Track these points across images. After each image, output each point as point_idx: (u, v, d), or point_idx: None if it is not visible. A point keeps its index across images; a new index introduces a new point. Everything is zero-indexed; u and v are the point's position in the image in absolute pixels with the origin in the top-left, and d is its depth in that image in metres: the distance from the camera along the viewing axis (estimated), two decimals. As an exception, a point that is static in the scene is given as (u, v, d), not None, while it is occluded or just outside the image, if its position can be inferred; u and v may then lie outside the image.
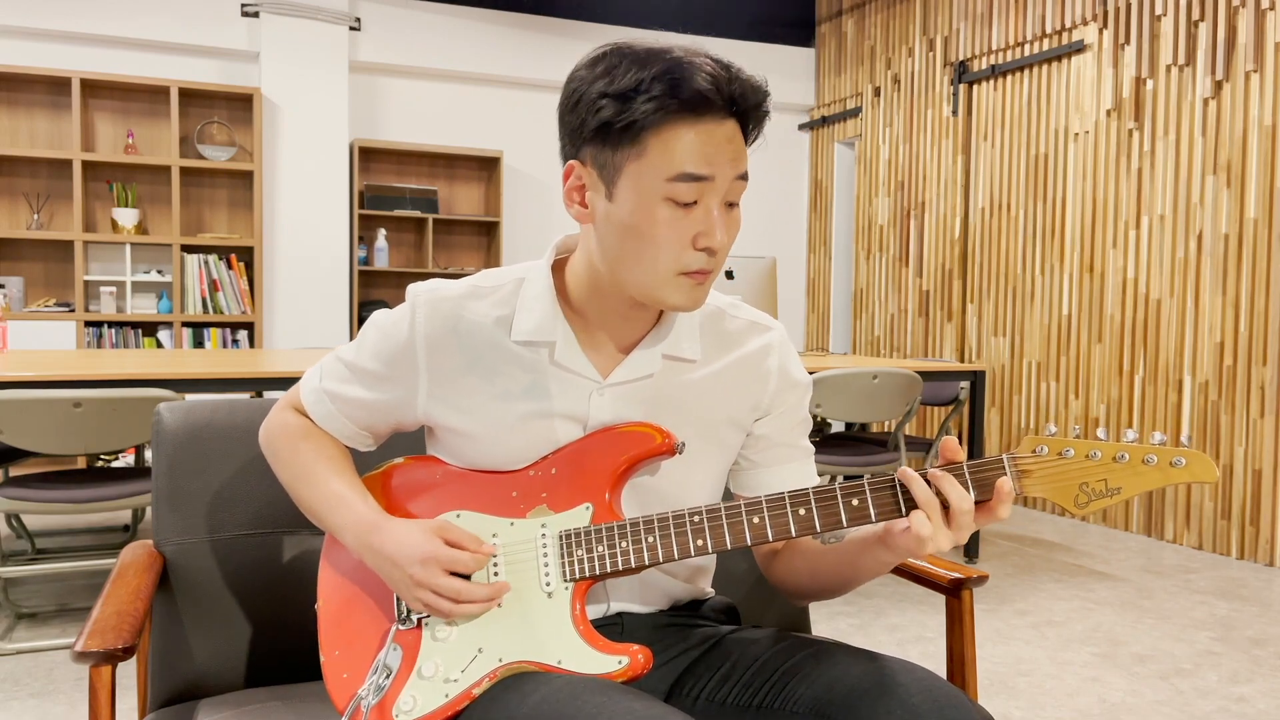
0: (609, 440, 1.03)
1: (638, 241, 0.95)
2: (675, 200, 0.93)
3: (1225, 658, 2.83)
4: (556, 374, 1.05)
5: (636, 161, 0.93)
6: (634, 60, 0.92)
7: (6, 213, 5.20)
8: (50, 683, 2.48)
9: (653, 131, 0.91)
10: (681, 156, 0.92)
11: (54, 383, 2.59)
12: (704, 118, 0.92)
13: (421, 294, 1.06)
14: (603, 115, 0.92)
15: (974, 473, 0.94)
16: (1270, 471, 3.95)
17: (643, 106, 0.91)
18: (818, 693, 0.97)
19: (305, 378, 1.15)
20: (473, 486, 1.07)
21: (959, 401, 3.91)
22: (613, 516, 1.01)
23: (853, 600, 3.32)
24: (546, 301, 1.04)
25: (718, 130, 0.93)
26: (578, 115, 0.95)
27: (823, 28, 6.75)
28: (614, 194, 0.95)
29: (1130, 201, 4.54)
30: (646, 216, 0.94)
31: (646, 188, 0.93)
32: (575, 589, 1.00)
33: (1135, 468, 0.93)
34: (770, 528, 0.97)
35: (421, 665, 1.00)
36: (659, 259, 0.95)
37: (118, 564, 1.25)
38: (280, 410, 1.16)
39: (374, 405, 1.10)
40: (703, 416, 1.09)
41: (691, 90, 0.90)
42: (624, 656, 0.96)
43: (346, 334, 5.68)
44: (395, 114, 5.94)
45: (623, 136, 0.92)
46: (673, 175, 0.92)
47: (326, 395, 1.12)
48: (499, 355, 1.05)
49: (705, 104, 0.91)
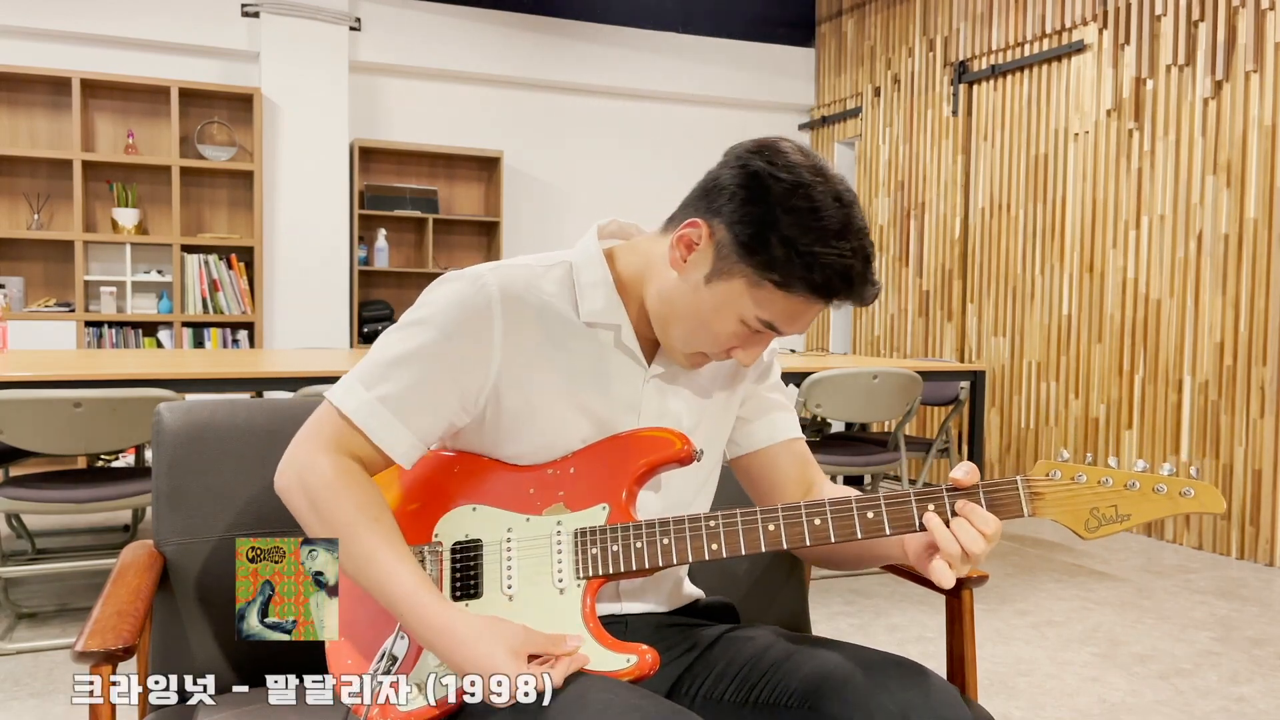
0: (629, 443, 1.05)
1: (696, 324, 1.01)
2: (748, 326, 1.00)
3: (1225, 658, 2.83)
4: (618, 357, 1.08)
5: (751, 288, 0.97)
6: (834, 230, 0.93)
7: (6, 213, 5.20)
8: (50, 683, 2.48)
9: (783, 291, 0.96)
10: (780, 314, 0.98)
11: (54, 383, 2.58)
12: (819, 303, 0.98)
13: (483, 270, 1.04)
14: (758, 241, 0.94)
15: (989, 494, 0.98)
16: (1270, 471, 3.94)
17: (798, 275, 0.94)
18: (809, 684, 0.99)
19: (343, 396, 1.02)
20: (490, 480, 1.07)
21: (959, 401, 3.91)
22: (628, 517, 1.03)
23: (853, 600, 3.32)
24: (608, 286, 1.07)
25: (816, 307, 0.99)
26: (743, 209, 0.95)
27: (823, 28, 6.75)
28: (712, 281, 0.99)
29: (1130, 201, 4.54)
30: (719, 320, 1.00)
31: (739, 307, 0.99)
32: (587, 586, 1.01)
33: (1146, 495, 0.96)
34: (785, 536, 0.99)
35: (426, 656, 1.01)
36: (696, 339, 1.03)
37: (118, 564, 1.25)
38: (309, 453, 1.01)
39: (439, 386, 1.01)
40: (715, 410, 1.16)
41: (838, 296, 0.96)
42: (632, 655, 0.97)
43: (346, 334, 5.68)
44: (395, 114, 5.94)
45: (761, 271, 0.96)
46: (763, 319, 0.99)
47: (380, 403, 1.01)
48: (568, 330, 1.06)
49: (832, 299, 0.97)
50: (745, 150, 0.98)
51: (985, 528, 0.95)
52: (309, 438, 1.02)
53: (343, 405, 1.02)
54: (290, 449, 1.03)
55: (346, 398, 1.02)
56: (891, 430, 4.01)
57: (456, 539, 1.05)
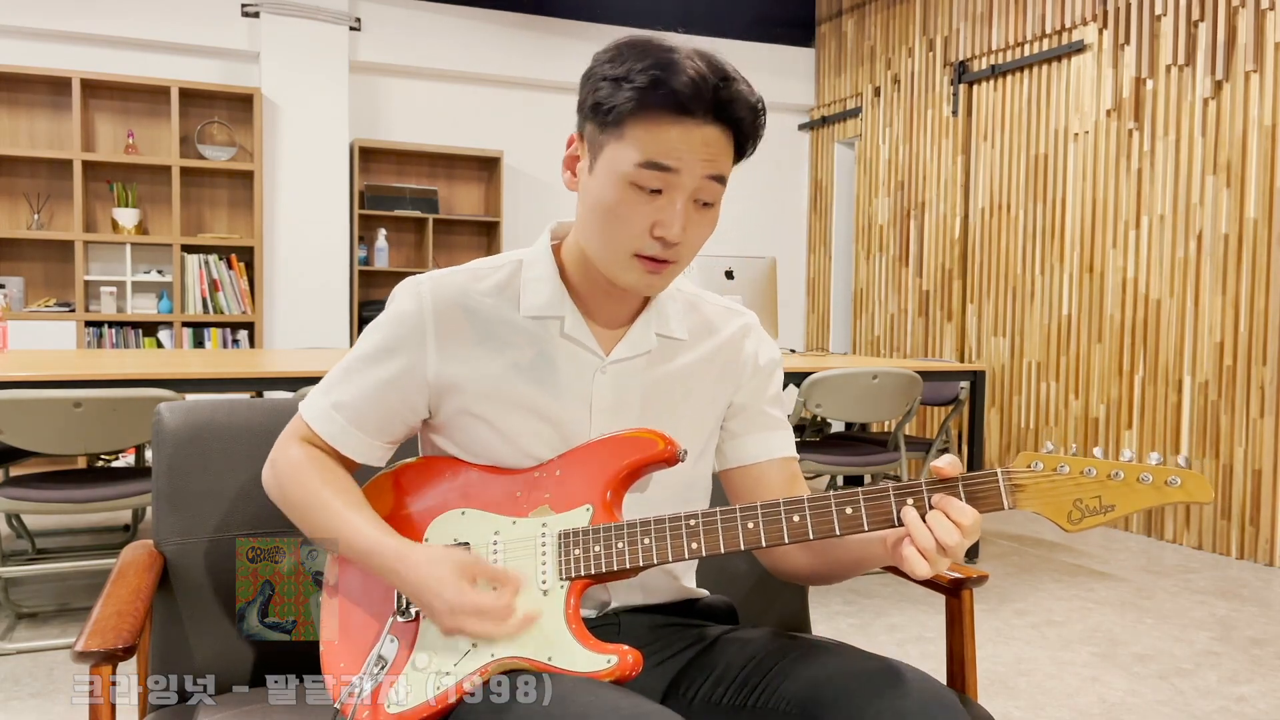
0: (614, 445, 1.05)
1: (601, 217, 1.00)
2: (639, 185, 0.97)
3: (1225, 658, 2.83)
4: (565, 347, 1.08)
5: (615, 143, 0.98)
6: (638, 52, 0.98)
7: (6, 213, 5.20)
8: (50, 683, 2.48)
9: (632, 118, 0.97)
10: (652, 146, 0.96)
11: (54, 383, 2.58)
12: (683, 118, 0.96)
13: (422, 278, 1.10)
14: (597, 95, 0.99)
15: (968, 486, 0.96)
16: (1270, 471, 3.94)
17: (626, 93, 0.96)
18: (806, 692, 0.99)
19: (306, 402, 1.12)
20: (479, 485, 1.08)
21: (959, 401, 3.91)
22: (612, 518, 1.03)
23: (853, 600, 3.32)
24: (552, 280, 1.09)
25: (695, 132, 0.96)
26: (582, 91, 1.02)
27: (823, 28, 6.75)
28: (594, 168, 1.01)
29: (1130, 201, 4.54)
30: (612, 194, 0.99)
31: (617, 168, 0.98)
32: (571, 588, 1.01)
33: (1130, 485, 0.93)
34: (764, 534, 0.99)
35: (416, 657, 1.02)
36: (616, 237, 1.00)
37: (118, 564, 1.25)
38: (283, 445, 1.12)
39: (383, 389, 1.08)
40: (691, 406, 1.14)
41: (671, 88, 0.95)
42: (613, 656, 0.97)
43: (346, 334, 5.68)
44: (395, 114, 5.94)
45: (608, 117, 0.98)
46: (640, 161, 0.97)
47: (333, 408, 1.09)
48: (508, 329, 1.08)
49: (684, 104, 0.95)
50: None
51: (962, 519, 0.93)
52: (283, 436, 1.13)
53: (303, 411, 1.12)
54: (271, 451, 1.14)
55: (308, 405, 1.12)
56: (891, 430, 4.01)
57: (445, 543, 1.06)
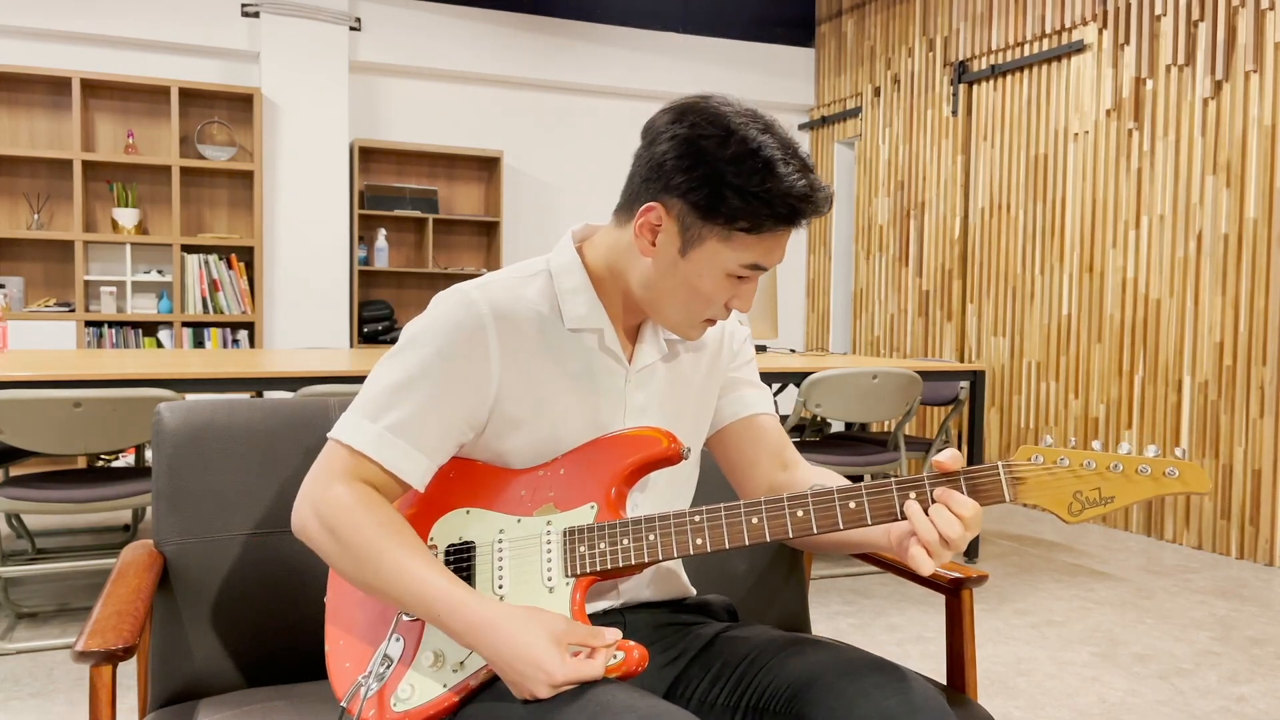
0: (618, 443, 1.06)
1: (689, 295, 1.05)
2: (737, 277, 1.04)
3: (1225, 658, 2.83)
4: (602, 359, 1.11)
5: (724, 244, 1.01)
6: (777, 159, 0.98)
7: (6, 213, 5.20)
8: (50, 683, 2.48)
9: (749, 235, 1.01)
10: (760, 253, 1.02)
11: (54, 383, 2.59)
12: (792, 228, 1.02)
13: (468, 288, 1.06)
14: (716, 199, 0.98)
15: (970, 480, 0.98)
16: (1270, 471, 3.94)
17: (765, 215, 0.99)
18: (792, 688, 1.00)
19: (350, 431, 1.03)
20: (484, 484, 1.09)
21: (959, 401, 3.91)
22: (617, 516, 1.04)
23: (853, 600, 3.32)
24: (588, 292, 1.10)
25: (788, 234, 1.03)
26: (689, 176, 0.99)
27: (823, 28, 6.75)
28: (688, 254, 1.03)
29: (1130, 201, 4.54)
30: (707, 283, 1.04)
31: (720, 264, 1.02)
32: (576, 585, 1.02)
33: (1129, 477, 0.96)
34: (768, 529, 1.00)
35: (421, 656, 1.02)
36: (696, 310, 1.06)
37: (118, 564, 1.25)
38: (321, 485, 1.02)
39: (445, 404, 1.03)
40: (695, 404, 1.19)
41: (803, 221, 1.01)
42: (619, 652, 0.98)
43: (346, 334, 5.68)
44: (395, 114, 5.94)
45: (724, 219, 1.00)
46: (747, 264, 1.02)
47: (390, 432, 1.02)
48: (560, 337, 1.09)
49: (797, 221, 1.01)
50: (668, 122, 1.01)
51: (963, 511, 0.96)
52: (320, 474, 1.03)
53: (352, 441, 1.02)
54: (301, 490, 1.04)
55: (355, 434, 1.03)
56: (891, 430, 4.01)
57: (451, 541, 1.07)
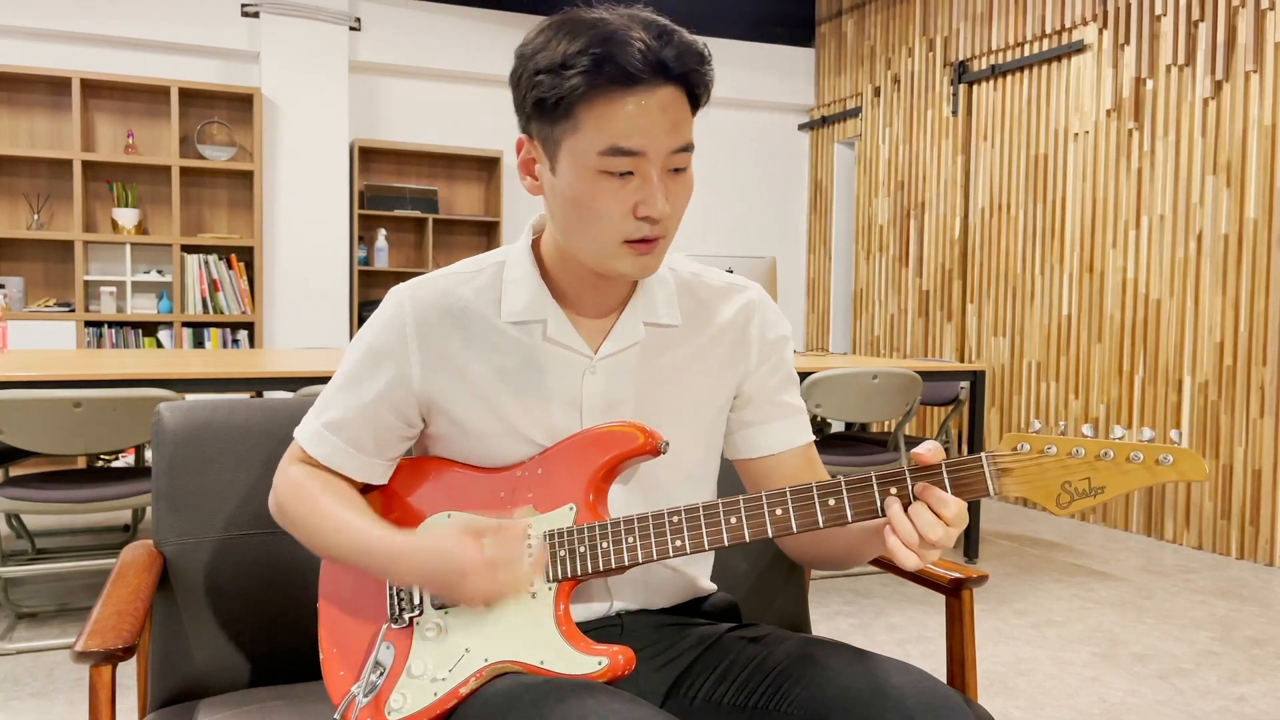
0: (593, 440, 1.03)
1: (580, 213, 0.96)
2: (609, 172, 0.93)
3: (1225, 658, 2.83)
4: (550, 351, 1.06)
5: (572, 136, 0.93)
6: (568, 33, 0.92)
7: (6, 213, 5.20)
8: (50, 683, 2.48)
9: (583, 105, 0.92)
10: (612, 130, 0.92)
11: (54, 383, 2.59)
12: (634, 88, 0.91)
13: (403, 286, 1.08)
14: (538, 91, 0.93)
15: (952, 472, 0.93)
16: (1270, 471, 3.94)
17: (571, 81, 0.90)
18: (812, 695, 0.97)
19: (301, 426, 1.12)
20: (462, 487, 1.07)
21: (959, 401, 3.91)
22: (596, 517, 1.01)
23: (853, 600, 3.32)
24: (532, 281, 1.06)
25: (650, 100, 0.92)
26: (520, 91, 0.96)
27: (823, 28, 6.75)
28: (556, 167, 0.97)
29: (1130, 201, 4.54)
30: (585, 189, 0.94)
31: (582, 161, 0.94)
32: (559, 589, 1.00)
33: (1120, 465, 0.89)
34: (747, 529, 0.97)
35: (411, 664, 1.01)
36: (602, 229, 0.96)
37: (118, 564, 1.25)
38: (281, 470, 1.12)
39: (374, 405, 1.06)
40: (690, 398, 1.10)
41: (618, 63, 0.90)
42: (604, 657, 0.96)
43: (346, 334, 5.68)
44: (395, 114, 5.94)
45: (557, 111, 0.93)
46: (604, 149, 0.92)
47: (325, 429, 1.08)
48: (492, 334, 1.06)
49: (633, 75, 0.90)
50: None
51: (944, 510, 0.90)
52: (282, 462, 1.13)
53: (298, 434, 1.12)
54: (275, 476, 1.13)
55: (301, 430, 1.12)
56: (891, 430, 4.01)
57: None
